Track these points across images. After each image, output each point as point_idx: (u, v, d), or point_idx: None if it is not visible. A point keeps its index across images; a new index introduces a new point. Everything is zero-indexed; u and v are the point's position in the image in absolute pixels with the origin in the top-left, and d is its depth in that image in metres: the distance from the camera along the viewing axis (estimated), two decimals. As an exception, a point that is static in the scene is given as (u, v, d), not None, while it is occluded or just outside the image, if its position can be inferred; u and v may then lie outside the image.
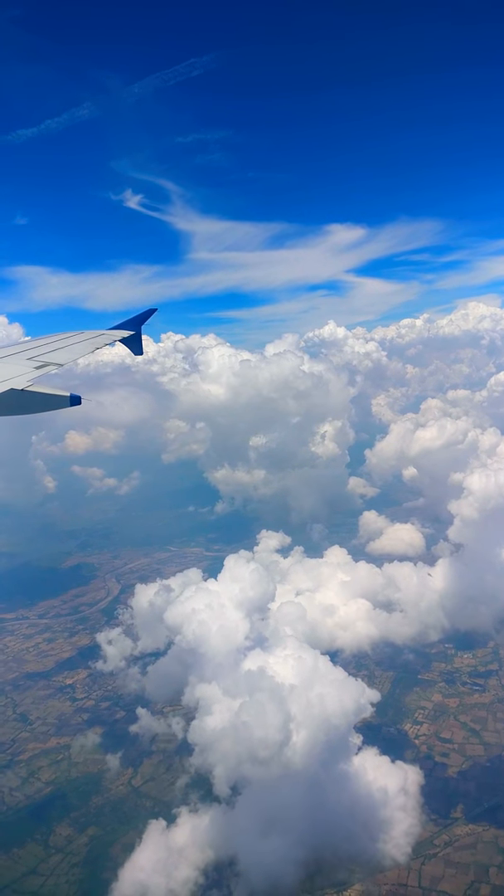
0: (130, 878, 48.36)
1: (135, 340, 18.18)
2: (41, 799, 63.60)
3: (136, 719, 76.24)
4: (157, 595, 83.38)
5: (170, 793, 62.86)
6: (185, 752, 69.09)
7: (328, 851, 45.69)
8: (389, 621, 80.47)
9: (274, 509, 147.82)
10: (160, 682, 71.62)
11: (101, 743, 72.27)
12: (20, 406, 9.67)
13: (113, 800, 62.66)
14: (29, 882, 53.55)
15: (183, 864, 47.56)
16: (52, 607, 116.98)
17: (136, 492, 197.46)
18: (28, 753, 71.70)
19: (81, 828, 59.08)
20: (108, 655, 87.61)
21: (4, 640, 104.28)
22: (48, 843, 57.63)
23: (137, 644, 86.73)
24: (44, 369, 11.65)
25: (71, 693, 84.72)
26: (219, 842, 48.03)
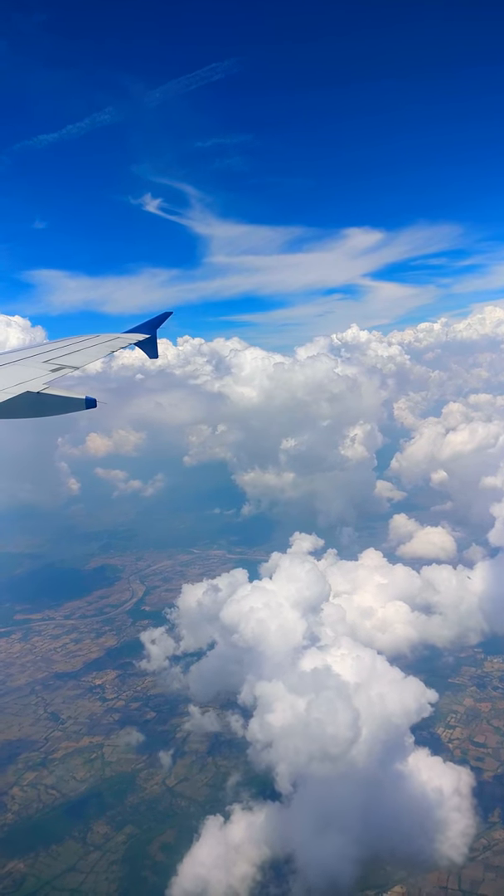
0: (190, 873, 48.92)
1: (150, 344, 18.27)
2: (77, 797, 64.29)
3: (167, 720, 77.04)
4: (205, 595, 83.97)
5: (204, 792, 63.38)
6: (218, 752, 69.98)
7: (385, 850, 45.87)
8: (429, 624, 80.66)
9: (301, 512, 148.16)
10: (203, 681, 72.00)
11: (134, 743, 72.87)
12: (36, 409, 9.69)
13: (148, 799, 63.19)
14: (69, 879, 54.18)
15: (240, 860, 47.98)
16: (77, 608, 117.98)
17: (158, 494, 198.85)
18: (61, 752, 72.49)
19: (118, 826, 59.67)
20: (151, 654, 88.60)
21: (32, 640, 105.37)
22: (86, 841, 58.28)
23: (180, 644, 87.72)
24: (60, 372, 11.71)
25: (101, 693, 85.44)
26: (275, 839, 48.41)
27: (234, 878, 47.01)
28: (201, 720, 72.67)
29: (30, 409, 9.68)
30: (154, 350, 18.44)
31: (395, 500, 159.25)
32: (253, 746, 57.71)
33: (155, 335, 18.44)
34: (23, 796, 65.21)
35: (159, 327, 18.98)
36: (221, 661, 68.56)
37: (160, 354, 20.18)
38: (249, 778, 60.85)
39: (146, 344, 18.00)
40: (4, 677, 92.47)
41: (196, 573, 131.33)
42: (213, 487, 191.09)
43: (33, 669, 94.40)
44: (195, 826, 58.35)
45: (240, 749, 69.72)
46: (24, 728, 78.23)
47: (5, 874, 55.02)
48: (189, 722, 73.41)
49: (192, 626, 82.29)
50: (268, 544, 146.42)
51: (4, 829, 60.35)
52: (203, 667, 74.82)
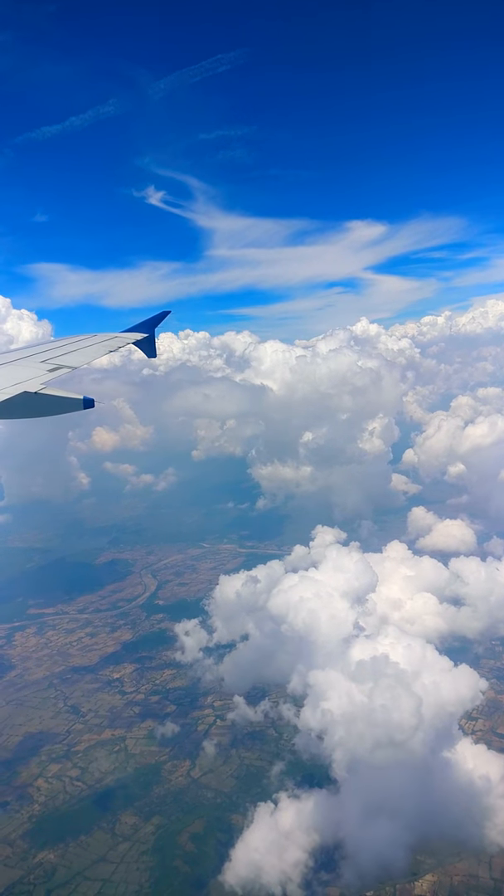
0: (244, 859, 49.66)
1: (148, 343, 18.15)
2: (103, 789, 64.65)
3: (188, 713, 77.47)
4: (244, 586, 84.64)
5: (230, 784, 63.73)
6: (241, 744, 70.36)
7: (435, 836, 46.33)
8: (458, 616, 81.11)
9: (316, 506, 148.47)
10: (239, 672, 72.48)
11: (156, 735, 73.24)
12: (33, 409, 9.61)
13: (174, 790, 63.55)
14: (100, 869, 54.50)
15: (291, 846, 48.38)
16: (90, 602, 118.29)
17: (166, 489, 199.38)
18: (84, 744, 72.83)
19: (146, 817, 60.03)
20: (185, 646, 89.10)
21: (47, 634, 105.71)
22: (115, 832, 58.63)
23: (213, 636, 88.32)
24: (57, 372, 11.63)
25: (119, 687, 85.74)
26: (324, 825, 48.83)
27: (287, 864, 47.44)
28: (245, 710, 73.40)
29: (27, 410, 9.62)
30: (152, 349, 18.31)
31: (410, 493, 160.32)
32: (302, 734, 57.93)
33: (153, 334, 18.39)
34: (48, 788, 65.60)
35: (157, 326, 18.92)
36: (257, 652, 68.88)
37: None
38: (288, 767, 61.48)
39: (144, 343, 17.92)
40: (22, 671, 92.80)
41: (208, 567, 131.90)
42: (223, 481, 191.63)
43: (50, 663, 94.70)
44: (225, 817, 58.96)
45: (264, 740, 70.46)
46: (44, 721, 78.57)
47: (36, 864, 55.39)
48: (234, 712, 74.11)
49: (227, 617, 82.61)
50: (279, 538, 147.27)
51: (32, 820, 60.68)
52: (238, 658, 75.15)
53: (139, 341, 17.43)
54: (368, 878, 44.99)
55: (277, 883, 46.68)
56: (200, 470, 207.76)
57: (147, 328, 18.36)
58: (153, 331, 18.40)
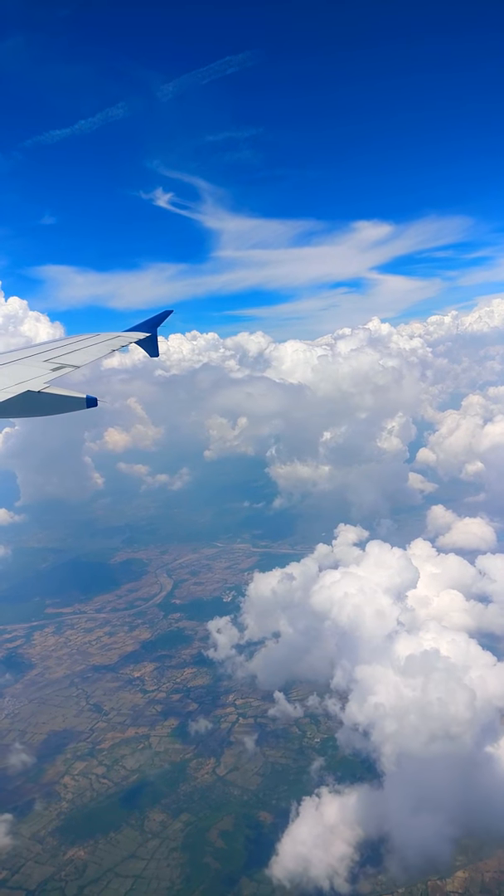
0: (291, 852, 50.41)
1: (151, 342, 18.15)
2: (129, 786, 65.12)
3: (211, 711, 77.86)
4: (280, 583, 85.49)
5: (255, 781, 64.10)
6: (265, 742, 70.68)
7: (479, 830, 46.60)
8: (486, 613, 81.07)
9: (331, 505, 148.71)
10: (272, 668, 72.97)
11: (180, 733, 73.69)
12: (37, 408, 9.63)
13: (200, 788, 63.96)
14: (131, 865, 54.95)
15: (336, 840, 48.78)
16: (107, 602, 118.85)
17: (178, 489, 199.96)
18: (108, 742, 73.34)
19: (174, 814, 60.45)
20: (218, 643, 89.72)
21: (66, 633, 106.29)
22: (144, 828, 59.09)
23: (244, 633, 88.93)
24: (60, 371, 11.62)
25: (140, 685, 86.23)
26: (368, 820, 49.21)
27: (333, 858, 47.84)
28: (285, 706, 73.85)
29: (30, 409, 9.64)
30: (155, 349, 18.34)
31: (426, 492, 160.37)
32: (344, 729, 58.26)
33: (155, 334, 18.39)
34: (75, 785, 66.12)
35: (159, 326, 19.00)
36: (291, 649, 69.24)
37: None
38: (328, 762, 62.30)
39: (146, 343, 17.94)
40: (43, 670, 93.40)
41: (222, 566, 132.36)
42: (235, 481, 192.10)
43: (70, 662, 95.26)
44: (253, 814, 59.40)
45: (289, 738, 70.82)
46: (68, 719, 79.12)
47: (67, 861, 55.89)
48: (274, 708, 74.53)
49: (261, 614, 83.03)
50: (292, 538, 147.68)
51: (61, 818, 61.19)
52: (272, 654, 75.57)
53: (141, 341, 17.50)
54: (414, 872, 45.40)
55: (325, 876, 47.12)
56: (212, 470, 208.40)
57: (149, 328, 18.42)
58: (155, 330, 18.46)
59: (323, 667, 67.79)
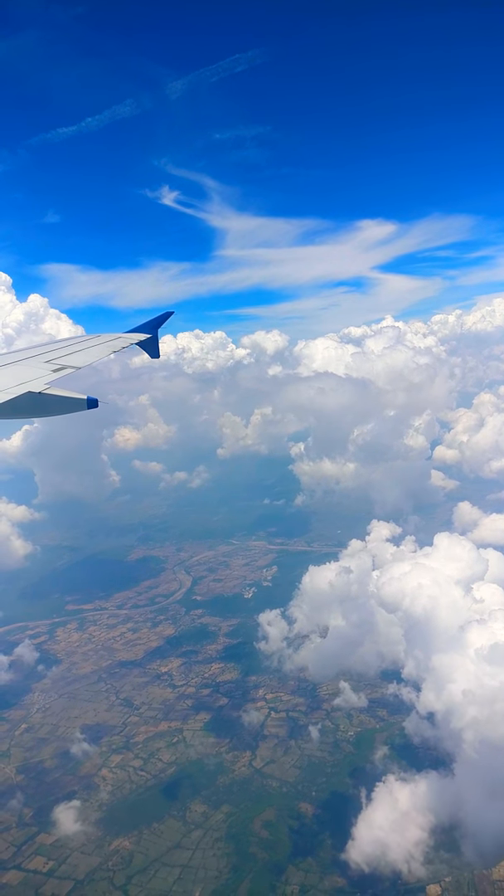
0: (367, 837, 51.39)
1: (152, 344, 18.20)
2: (168, 778, 65.92)
3: (241, 705, 78.64)
4: (338, 576, 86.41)
5: (293, 774, 64.94)
6: (298, 735, 71.52)
7: None
8: None
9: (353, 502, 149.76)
10: (323, 661, 73.86)
11: (213, 727, 74.50)
12: (38, 408, 9.71)
13: (239, 780, 64.77)
14: (176, 855, 55.73)
15: (410, 826, 49.71)
16: (127, 599, 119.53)
17: (190, 487, 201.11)
18: (142, 736, 74.12)
19: (215, 805, 61.25)
20: (269, 636, 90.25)
21: (89, 629, 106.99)
22: (186, 819, 59.89)
23: (292, 627, 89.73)
24: (61, 372, 11.68)
25: (169, 680, 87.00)
26: (440, 806, 50.15)
27: (408, 843, 48.79)
28: (350, 696, 74.67)
29: (31, 409, 9.72)
30: (156, 350, 18.37)
31: (447, 489, 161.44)
32: (412, 718, 59.05)
33: (156, 335, 18.45)
34: (113, 777, 66.90)
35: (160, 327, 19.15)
36: (342, 641, 70.03)
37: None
38: (392, 751, 63.30)
39: (147, 344, 17.99)
40: (69, 665, 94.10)
41: (240, 563, 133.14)
42: (248, 480, 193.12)
43: (96, 658, 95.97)
44: (293, 805, 60.24)
45: (322, 731, 71.57)
46: (100, 713, 79.86)
47: (112, 851, 56.65)
48: (339, 698, 75.32)
49: (314, 607, 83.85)
50: (308, 535, 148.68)
51: (103, 809, 61.95)
52: (323, 647, 76.47)
53: (142, 342, 17.57)
54: (489, 858, 46.35)
55: (402, 860, 48.07)
56: (225, 468, 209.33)
57: (150, 329, 18.50)
58: (156, 332, 18.54)
59: (372, 659, 68.70)
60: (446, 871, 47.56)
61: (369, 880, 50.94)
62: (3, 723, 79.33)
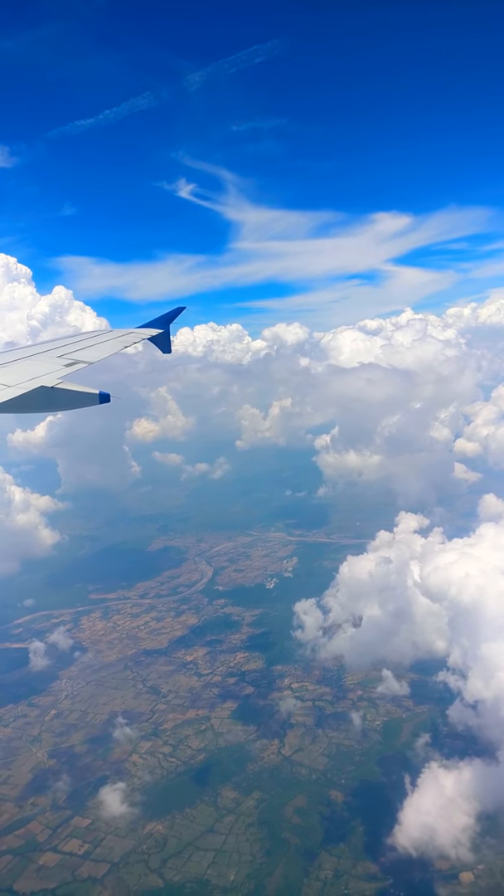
0: (415, 822, 52.20)
1: (163, 339, 18.24)
2: (198, 765, 66.77)
3: (267, 694, 79.39)
4: (378, 566, 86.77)
5: (322, 762, 65.55)
6: (325, 724, 72.15)
7: None
8: None
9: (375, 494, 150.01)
10: (360, 650, 74.49)
11: (240, 715, 75.26)
12: (50, 403, 9.84)
13: (268, 767, 65.51)
14: (209, 840, 56.57)
15: (456, 812, 50.35)
16: (150, 588, 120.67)
17: (208, 479, 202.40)
18: (170, 723, 75.05)
19: (245, 791, 62.03)
20: (305, 625, 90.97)
21: (113, 618, 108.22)
22: (217, 805, 60.71)
23: (328, 616, 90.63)
24: (73, 367, 11.76)
25: (194, 669, 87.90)
26: (485, 793, 50.73)
27: (455, 829, 49.47)
28: (392, 684, 75.46)
29: (44, 404, 9.84)
30: (167, 345, 18.41)
31: (469, 481, 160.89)
32: (455, 706, 59.52)
33: (168, 330, 18.49)
34: (143, 763, 67.86)
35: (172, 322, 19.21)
36: (379, 630, 70.57)
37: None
38: (433, 739, 64.10)
39: (159, 339, 18.04)
40: (95, 653, 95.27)
41: (260, 554, 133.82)
42: (265, 471, 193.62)
43: (121, 646, 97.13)
44: (324, 793, 60.88)
45: (348, 720, 72.16)
46: (127, 701, 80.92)
47: (146, 835, 57.63)
48: (382, 685, 76.13)
49: (350, 597, 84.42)
50: (327, 527, 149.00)
51: (135, 794, 62.82)
52: (358, 636, 77.07)
53: (154, 337, 17.61)
54: None
55: (450, 846, 48.73)
56: (244, 460, 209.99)
57: (162, 324, 18.55)
58: (168, 327, 18.57)
59: (407, 649, 69.08)
60: (492, 857, 48.14)
61: (402, 867, 51.58)
62: (33, 708, 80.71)
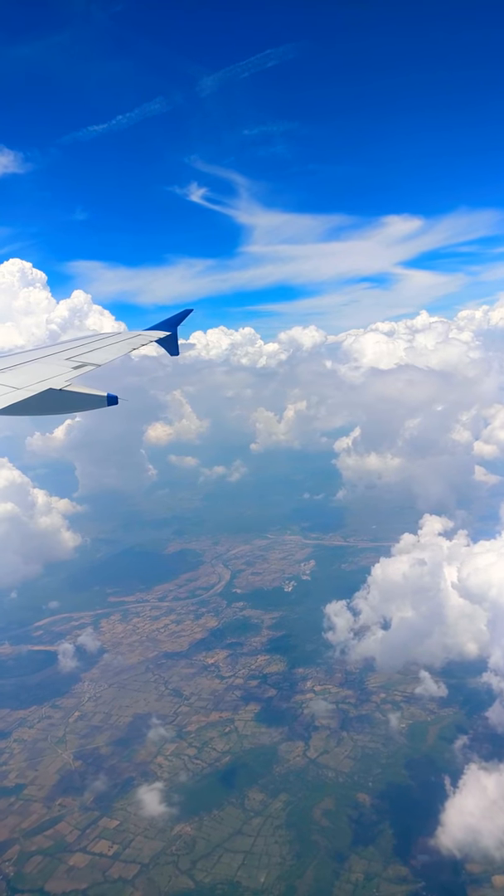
0: (458, 822, 52.30)
1: (171, 341, 18.23)
2: (223, 767, 66.96)
3: (290, 697, 79.48)
4: (412, 568, 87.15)
5: (348, 765, 65.56)
6: (350, 727, 72.14)
7: None
8: None
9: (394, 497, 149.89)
10: (392, 651, 74.64)
11: (263, 718, 75.37)
12: (58, 405, 9.87)
13: (294, 769, 65.58)
14: (238, 842, 56.70)
15: (500, 814, 50.41)
16: (168, 591, 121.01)
17: (222, 482, 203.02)
18: (194, 725, 75.25)
19: (273, 793, 62.13)
20: (336, 626, 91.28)
21: (132, 621, 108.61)
22: (245, 807, 60.85)
23: (358, 618, 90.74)
24: (81, 369, 11.79)
25: (216, 671, 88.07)
26: None
27: (500, 831, 49.55)
28: (430, 685, 75.45)
29: (52, 406, 9.90)
30: (175, 348, 18.41)
31: (489, 483, 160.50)
32: (494, 708, 59.39)
33: (176, 333, 18.48)
34: (169, 765, 68.10)
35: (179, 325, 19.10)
36: (411, 632, 70.55)
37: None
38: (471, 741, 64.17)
39: (167, 341, 18.06)
40: (116, 655, 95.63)
41: (277, 557, 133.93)
42: (279, 474, 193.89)
43: (142, 649, 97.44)
44: (351, 795, 60.92)
45: (373, 723, 72.22)
46: (150, 703, 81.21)
47: (175, 836, 57.86)
48: (420, 687, 76.14)
49: (383, 598, 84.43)
50: (343, 530, 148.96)
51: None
52: (391, 637, 77.17)
53: (161, 340, 17.62)
54: None
55: (494, 847, 48.80)
56: (259, 463, 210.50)
57: (170, 326, 18.53)
58: (175, 329, 18.54)
59: (438, 651, 68.97)
60: None
61: (433, 870, 51.61)
62: (57, 710, 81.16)
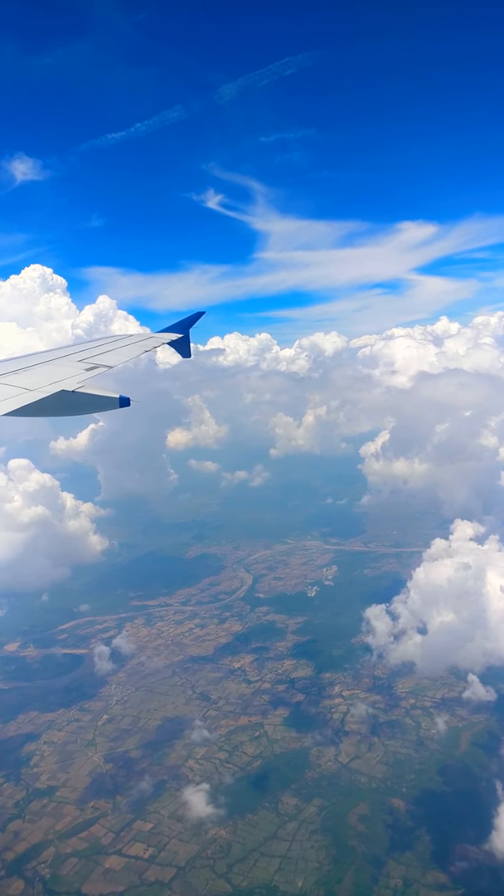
0: None
1: (183, 343, 18.29)
2: (255, 771, 66.88)
3: (318, 701, 79.34)
4: (457, 572, 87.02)
5: (381, 770, 65.33)
6: (381, 732, 71.90)
7: None
8: None
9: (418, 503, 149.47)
10: (432, 656, 74.53)
11: (293, 723, 75.27)
12: (71, 407, 9.95)
13: (327, 774, 65.43)
14: (274, 846, 56.61)
15: None
16: (190, 595, 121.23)
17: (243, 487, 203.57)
18: (224, 730, 75.25)
19: (306, 798, 62.00)
20: (376, 630, 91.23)
21: (156, 625, 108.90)
22: (279, 811, 60.75)
23: (397, 622, 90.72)
24: (94, 371, 11.83)
25: (243, 676, 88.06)
26: None
27: None
28: (479, 689, 75.27)
29: (64, 408, 9.98)
30: (187, 350, 18.44)
31: None
32: None
33: (188, 335, 18.58)
34: (200, 769, 68.14)
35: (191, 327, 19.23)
36: (453, 637, 70.31)
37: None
38: None
39: (179, 343, 18.15)
40: (142, 659, 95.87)
41: (299, 562, 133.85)
42: (297, 479, 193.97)
43: (167, 653, 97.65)
44: (385, 801, 60.67)
45: (403, 728, 71.96)
46: (178, 707, 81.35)
47: (210, 840, 57.88)
48: (469, 691, 75.89)
49: (424, 602, 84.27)
50: (363, 536, 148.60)
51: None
52: (431, 642, 77.02)
53: (173, 342, 17.75)
54: None
55: None
56: (278, 468, 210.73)
57: (182, 329, 18.68)
58: (187, 332, 18.67)
59: (478, 656, 68.55)
60: None
61: (473, 877, 51.28)
62: (85, 713, 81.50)
